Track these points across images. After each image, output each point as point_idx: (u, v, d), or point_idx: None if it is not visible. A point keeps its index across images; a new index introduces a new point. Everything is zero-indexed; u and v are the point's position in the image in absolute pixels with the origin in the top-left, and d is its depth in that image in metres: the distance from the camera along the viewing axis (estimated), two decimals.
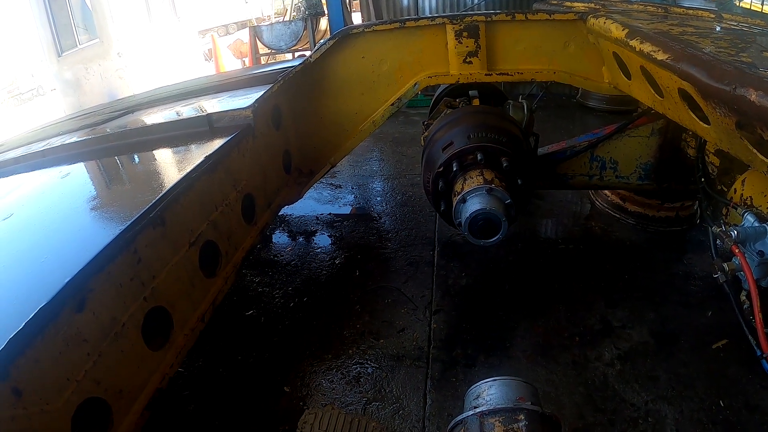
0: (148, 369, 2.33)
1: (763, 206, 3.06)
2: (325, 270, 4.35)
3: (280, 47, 13.34)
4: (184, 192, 2.67)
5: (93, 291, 2.01)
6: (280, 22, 14.33)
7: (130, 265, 2.23)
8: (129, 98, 5.65)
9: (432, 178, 3.57)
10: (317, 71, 4.12)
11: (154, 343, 2.37)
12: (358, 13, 10.15)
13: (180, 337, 2.55)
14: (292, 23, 13.49)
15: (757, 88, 2.08)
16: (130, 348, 2.21)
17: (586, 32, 3.87)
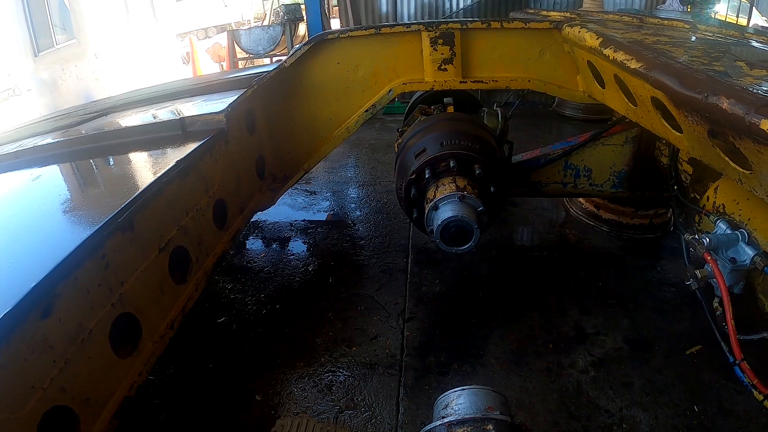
0: (116, 377, 2.28)
1: (735, 214, 3.08)
2: (298, 277, 4.31)
3: (258, 52, 13.28)
4: (154, 197, 2.63)
5: (59, 296, 1.97)
6: (259, 27, 14.29)
7: (97, 270, 2.19)
8: (104, 100, 5.58)
9: (405, 185, 3.55)
10: (292, 76, 4.10)
11: (122, 350, 2.33)
12: (337, 19, 10.13)
13: (149, 344, 2.51)
14: (271, 28, 13.45)
15: (729, 96, 2.09)
16: (98, 355, 2.16)
17: (561, 41, 3.89)
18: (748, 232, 2.89)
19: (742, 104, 2.02)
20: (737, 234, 2.87)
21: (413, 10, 9.61)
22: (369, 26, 4.13)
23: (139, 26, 12.50)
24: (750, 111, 1.97)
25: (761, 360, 3.48)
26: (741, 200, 3.10)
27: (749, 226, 2.95)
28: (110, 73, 11.23)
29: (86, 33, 10.89)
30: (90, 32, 10.95)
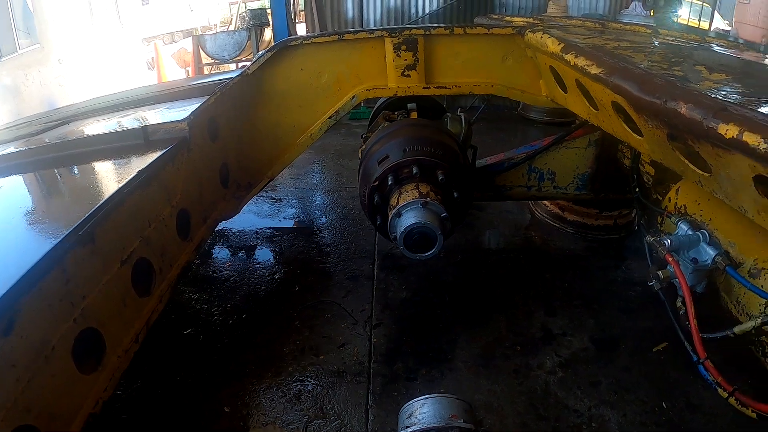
0: (81, 393, 2.23)
1: (696, 214, 3.13)
2: (264, 285, 4.27)
3: (223, 57, 13.17)
4: (115, 208, 2.58)
5: (20, 313, 1.91)
6: (224, 32, 14.18)
7: (59, 285, 2.14)
8: (67, 108, 5.47)
9: (368, 192, 3.54)
10: (255, 83, 4.07)
11: (86, 366, 2.27)
12: (303, 24, 10.07)
13: (113, 359, 2.45)
14: (236, 33, 13.36)
15: (687, 101, 2.12)
16: (61, 372, 2.11)
17: (524, 46, 3.93)
18: (709, 233, 2.94)
19: (700, 109, 2.05)
20: (698, 235, 2.91)
21: (379, 16, 9.62)
22: (332, 32, 4.12)
23: (104, 30, 12.29)
24: (708, 116, 2.00)
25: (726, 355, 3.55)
26: (702, 201, 3.15)
27: (710, 226, 3.00)
28: (74, 79, 11.03)
29: (50, 37, 10.70)
30: (54, 37, 10.74)
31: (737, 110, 1.97)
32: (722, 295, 2.89)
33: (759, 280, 2.67)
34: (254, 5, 16.42)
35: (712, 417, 3.12)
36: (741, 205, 2.27)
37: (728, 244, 2.89)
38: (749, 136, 1.83)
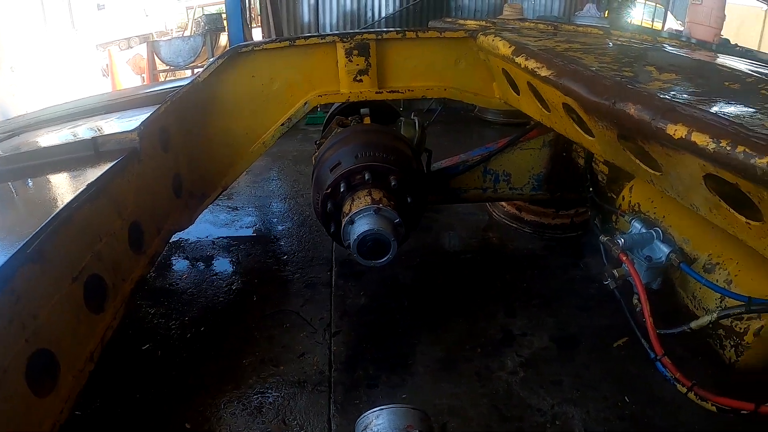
0: (36, 417, 2.16)
1: (650, 212, 3.17)
2: (222, 296, 4.20)
3: (178, 64, 13.00)
4: (64, 223, 2.50)
5: None
6: (179, 38, 13.99)
7: (8, 306, 2.06)
8: (18, 118, 5.32)
9: (321, 200, 3.52)
10: (207, 91, 3.99)
11: (40, 388, 2.20)
12: (259, 29, 9.98)
13: (68, 379, 2.38)
14: (191, 39, 13.21)
15: (636, 102, 2.13)
16: (15, 396, 2.04)
17: (477, 50, 3.94)
18: (663, 230, 2.98)
19: (649, 110, 2.06)
20: (652, 233, 2.95)
21: (335, 20, 9.60)
22: (283, 38, 4.09)
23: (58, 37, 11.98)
24: (657, 116, 2.01)
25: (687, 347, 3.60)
26: (656, 198, 3.19)
27: (664, 223, 3.04)
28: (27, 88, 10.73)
29: (2, 44, 10.37)
30: (6, 44, 10.43)
31: (686, 110, 1.99)
32: (678, 290, 2.94)
33: (714, 275, 2.72)
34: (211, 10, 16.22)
35: (674, 409, 3.16)
36: (693, 203, 2.29)
37: (682, 241, 2.94)
38: (698, 136, 1.84)
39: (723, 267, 2.72)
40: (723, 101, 2.33)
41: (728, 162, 1.74)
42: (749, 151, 1.66)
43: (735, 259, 2.68)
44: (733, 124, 1.82)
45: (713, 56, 4.02)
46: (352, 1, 9.60)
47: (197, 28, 14.21)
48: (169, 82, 8.82)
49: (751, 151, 1.66)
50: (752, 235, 2.03)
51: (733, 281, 2.64)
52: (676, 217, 3.01)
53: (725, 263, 2.72)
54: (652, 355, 2.64)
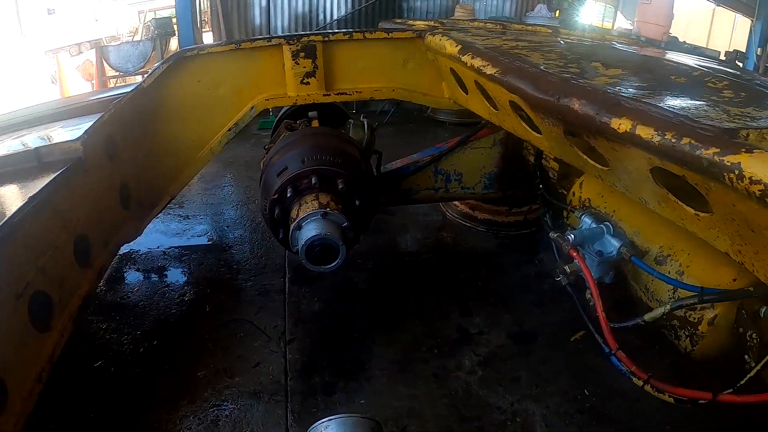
0: None
1: (601, 207, 3.19)
2: (174, 308, 4.09)
3: (127, 69, 12.67)
4: (5, 239, 2.39)
5: None
6: (128, 43, 13.67)
7: None
8: None
9: (268, 205, 3.45)
10: (152, 97, 3.87)
11: None
12: (210, 33, 9.83)
13: (17, 402, 2.28)
14: (141, 43, 12.91)
15: (580, 97, 2.13)
16: None
17: (425, 50, 3.92)
18: (613, 224, 2.99)
19: (593, 105, 2.06)
20: (602, 227, 2.96)
21: (287, 23, 9.54)
22: (229, 41, 4.01)
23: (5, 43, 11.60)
24: (601, 111, 2.01)
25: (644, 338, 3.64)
26: (605, 193, 3.21)
27: (615, 217, 3.06)
28: None
29: None
30: None
31: (630, 104, 1.99)
32: (631, 283, 2.95)
33: (665, 266, 2.74)
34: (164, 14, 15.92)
35: (634, 400, 3.19)
36: (642, 196, 2.30)
37: (633, 234, 2.95)
38: (643, 129, 1.84)
39: (674, 258, 2.73)
40: (669, 95, 2.35)
41: (674, 154, 1.73)
42: (694, 143, 1.67)
43: (686, 251, 2.70)
44: (678, 116, 1.83)
45: (661, 52, 4.07)
46: (303, 4, 9.55)
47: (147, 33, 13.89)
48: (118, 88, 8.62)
49: (696, 142, 1.66)
50: (701, 227, 2.04)
51: (685, 272, 2.65)
52: (627, 211, 3.03)
53: (677, 255, 2.73)
54: (607, 350, 2.65)
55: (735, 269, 2.43)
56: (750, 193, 1.49)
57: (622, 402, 3.21)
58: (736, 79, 2.65)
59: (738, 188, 1.53)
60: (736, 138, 1.66)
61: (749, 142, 1.65)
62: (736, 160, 1.53)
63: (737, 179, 1.52)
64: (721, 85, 2.52)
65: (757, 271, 1.91)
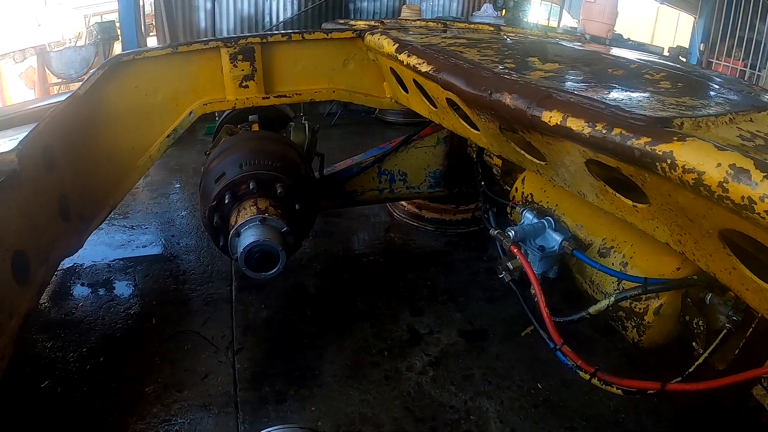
0: None
1: (543, 201, 3.20)
2: (120, 322, 3.98)
3: (70, 75, 12.27)
4: None
5: None
6: (70, 48, 13.30)
7: None
8: None
9: (207, 212, 3.39)
10: (89, 104, 3.73)
11: None
12: (155, 37, 9.63)
13: None
14: (83, 49, 12.54)
15: (511, 92, 2.12)
16: None
17: (365, 50, 3.89)
18: (555, 219, 3.00)
19: (524, 99, 2.05)
20: (543, 222, 2.97)
21: (233, 25, 9.39)
22: (165, 45, 3.92)
23: None
24: (532, 105, 2.00)
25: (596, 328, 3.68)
26: (547, 187, 3.22)
27: (557, 211, 3.07)
28: None
29: None
30: None
31: (562, 96, 1.98)
32: (576, 276, 2.97)
33: (609, 258, 2.76)
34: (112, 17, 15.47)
35: (588, 391, 3.23)
36: (580, 190, 2.31)
37: (576, 228, 2.97)
38: (573, 122, 1.84)
39: (618, 250, 2.75)
40: (604, 87, 2.35)
41: (605, 145, 1.73)
42: (626, 133, 1.66)
43: (629, 242, 2.72)
44: (609, 107, 1.83)
45: (603, 48, 4.11)
46: (249, 6, 9.42)
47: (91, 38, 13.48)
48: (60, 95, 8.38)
49: (627, 132, 1.66)
50: (640, 218, 2.05)
51: (629, 264, 2.67)
52: (569, 205, 3.05)
53: (620, 246, 2.75)
54: (552, 345, 2.65)
55: (678, 258, 2.46)
56: (684, 182, 1.48)
57: (577, 392, 3.25)
58: (674, 71, 2.68)
59: (671, 177, 1.52)
60: (670, 127, 1.66)
61: (684, 130, 1.65)
62: (668, 149, 1.52)
63: (670, 168, 1.51)
64: (658, 76, 2.55)
65: (698, 260, 1.93)
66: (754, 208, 1.31)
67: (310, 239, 4.50)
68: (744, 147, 1.60)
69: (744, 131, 1.74)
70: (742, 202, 1.34)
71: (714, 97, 2.26)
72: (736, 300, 2.29)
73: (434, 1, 10.75)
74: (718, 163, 1.39)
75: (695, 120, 1.73)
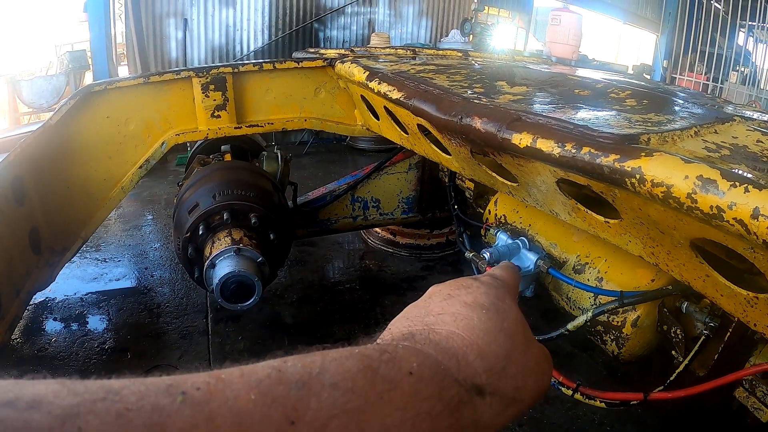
0: None
1: (516, 222, 3.23)
2: (94, 358, 3.91)
3: (41, 105, 12.05)
4: None
5: None
6: (41, 77, 13.13)
7: None
8: None
9: (181, 244, 3.37)
10: (60, 135, 3.68)
11: None
12: (126, 67, 9.58)
13: None
14: (54, 78, 12.40)
15: (481, 116, 2.15)
16: None
17: (336, 78, 3.92)
18: (529, 239, 3.03)
19: (494, 122, 2.08)
20: (517, 242, 2.99)
21: (203, 55, 9.41)
22: (137, 75, 3.89)
23: None
24: (501, 128, 2.03)
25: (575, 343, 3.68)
26: (520, 208, 3.26)
27: (531, 231, 3.10)
28: None
29: None
30: None
31: (530, 119, 2.01)
32: (553, 294, 2.99)
33: (584, 274, 2.78)
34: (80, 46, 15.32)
35: (571, 407, 3.25)
36: (552, 209, 2.33)
37: (550, 246, 2.99)
38: (543, 143, 1.86)
39: (592, 266, 2.79)
40: (572, 107, 2.39)
41: (575, 165, 1.76)
42: (594, 152, 1.69)
43: (603, 257, 2.76)
44: (577, 127, 1.86)
45: (569, 69, 4.18)
46: (220, 36, 9.45)
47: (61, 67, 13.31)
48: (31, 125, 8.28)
49: (596, 151, 1.69)
50: (613, 233, 2.07)
51: (604, 278, 2.71)
52: (542, 224, 3.08)
53: (594, 262, 2.79)
54: None
55: (652, 270, 2.50)
56: (653, 196, 1.51)
57: (560, 409, 3.26)
58: (639, 89, 2.73)
59: (641, 192, 1.55)
60: (637, 143, 1.69)
61: (651, 146, 1.68)
62: (636, 164, 1.55)
63: (639, 183, 1.54)
64: (624, 94, 2.59)
65: (671, 270, 1.95)
66: (723, 216, 1.34)
67: (285, 269, 4.47)
68: (710, 158, 1.63)
69: (709, 143, 1.78)
70: (711, 211, 1.37)
71: (679, 112, 2.30)
72: (712, 306, 2.34)
73: (403, 28, 10.88)
74: (686, 176, 1.42)
75: (661, 135, 1.76)
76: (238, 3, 9.42)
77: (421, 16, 10.94)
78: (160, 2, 8.99)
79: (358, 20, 10.43)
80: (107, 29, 8.46)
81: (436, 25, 11.13)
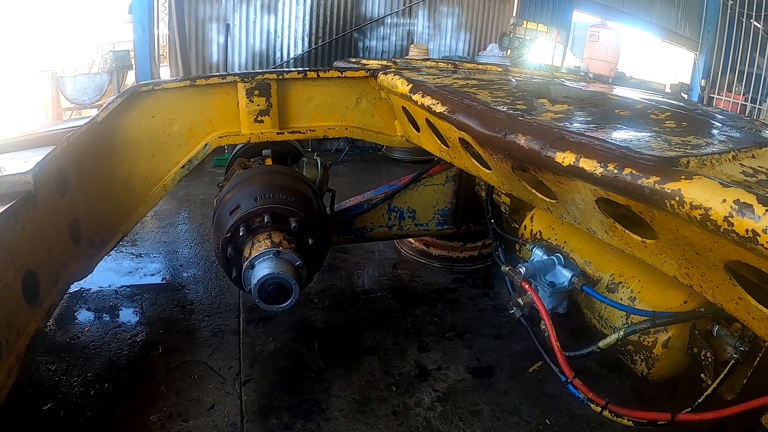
0: None
1: (552, 238, 3.25)
2: (126, 349, 3.99)
3: (83, 102, 12.31)
4: None
5: None
6: (85, 74, 13.39)
7: None
8: None
9: (221, 244, 3.42)
10: (106, 131, 3.79)
11: None
12: (167, 67, 9.74)
13: None
14: (97, 76, 12.64)
15: (525, 133, 2.18)
16: None
17: (378, 88, 3.97)
18: (564, 255, 3.05)
19: (538, 140, 2.11)
20: (553, 259, 3.02)
21: (244, 60, 9.55)
22: (184, 78, 3.98)
23: None
24: (545, 146, 2.06)
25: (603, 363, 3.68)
26: (556, 225, 3.28)
27: (566, 248, 3.12)
28: None
29: None
30: None
31: (574, 138, 2.04)
32: (585, 311, 3.01)
33: (617, 293, 2.80)
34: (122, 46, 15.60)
35: (597, 425, 3.24)
36: (590, 227, 2.35)
37: (584, 264, 3.01)
38: (586, 162, 1.89)
39: (626, 285, 2.81)
40: (613, 127, 2.42)
41: (616, 185, 1.79)
42: (636, 173, 1.72)
43: (637, 277, 2.78)
44: (619, 148, 1.88)
45: (608, 87, 4.18)
46: (261, 42, 9.58)
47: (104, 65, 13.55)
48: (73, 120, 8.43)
49: (637, 172, 1.72)
50: (648, 253, 2.09)
51: (637, 298, 2.73)
52: (577, 242, 3.10)
53: (628, 281, 2.81)
54: (563, 379, 2.68)
55: (685, 291, 2.52)
56: (692, 218, 1.54)
57: (585, 427, 3.26)
58: (678, 110, 2.74)
59: (680, 214, 1.58)
60: (677, 166, 1.71)
61: (690, 169, 1.71)
62: (676, 187, 1.59)
63: (678, 205, 1.57)
64: (663, 116, 2.61)
65: (705, 292, 1.97)
66: (758, 240, 1.38)
67: (318, 274, 4.52)
68: (747, 183, 1.66)
69: (747, 167, 1.80)
70: (746, 234, 1.41)
71: (717, 135, 2.32)
72: (743, 331, 2.36)
73: (441, 40, 10.93)
74: (723, 199, 1.46)
75: (700, 158, 1.79)
76: (279, 10, 9.55)
77: (459, 29, 10.98)
78: (203, 6, 9.17)
79: (397, 31, 10.51)
80: (150, 31, 8.60)
81: (474, 38, 11.16)
